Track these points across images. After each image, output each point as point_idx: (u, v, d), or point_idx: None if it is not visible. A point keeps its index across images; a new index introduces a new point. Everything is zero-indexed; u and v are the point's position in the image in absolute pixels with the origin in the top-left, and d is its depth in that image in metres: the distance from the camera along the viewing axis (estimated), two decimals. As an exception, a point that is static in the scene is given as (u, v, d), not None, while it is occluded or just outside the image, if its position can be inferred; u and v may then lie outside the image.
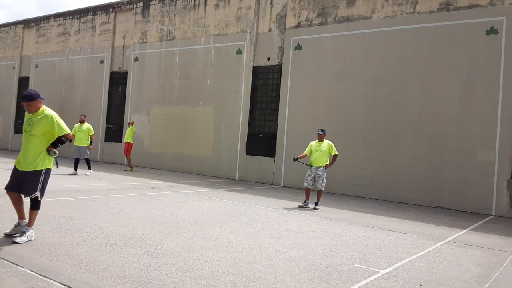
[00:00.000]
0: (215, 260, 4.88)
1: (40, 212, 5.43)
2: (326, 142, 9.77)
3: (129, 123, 16.39)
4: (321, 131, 9.85)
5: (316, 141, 9.86)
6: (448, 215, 10.14)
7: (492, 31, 11.10)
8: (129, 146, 16.14)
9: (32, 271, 4.13)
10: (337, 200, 11.45)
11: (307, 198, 9.80)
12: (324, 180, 9.67)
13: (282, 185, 14.39)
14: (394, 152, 12.37)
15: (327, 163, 9.69)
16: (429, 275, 4.95)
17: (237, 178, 15.56)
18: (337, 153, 9.81)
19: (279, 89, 14.85)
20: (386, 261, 5.45)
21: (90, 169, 13.65)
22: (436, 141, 11.72)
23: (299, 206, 9.72)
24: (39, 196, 5.16)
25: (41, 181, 5.15)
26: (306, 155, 9.90)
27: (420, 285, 4.58)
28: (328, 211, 9.39)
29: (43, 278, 3.97)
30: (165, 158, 17.68)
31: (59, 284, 3.84)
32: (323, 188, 9.70)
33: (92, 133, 13.83)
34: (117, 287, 3.85)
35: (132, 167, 16.05)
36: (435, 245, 6.66)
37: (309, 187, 9.76)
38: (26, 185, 5.09)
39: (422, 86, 12.03)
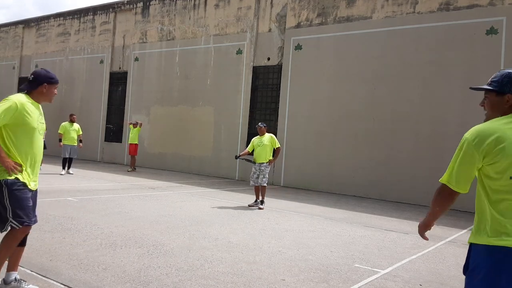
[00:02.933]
0: (215, 260, 4.88)
1: (40, 212, 5.37)
2: (267, 135, 9.38)
3: (134, 124, 16.25)
4: (261, 124, 9.52)
5: (258, 136, 9.50)
6: (448, 215, 10.12)
7: (492, 31, 11.10)
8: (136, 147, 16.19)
9: (32, 271, 4.13)
10: (337, 200, 11.44)
11: (257, 197, 9.41)
12: (266, 176, 9.26)
13: (282, 185, 14.38)
14: (394, 152, 12.36)
15: (271, 158, 9.35)
16: (429, 275, 4.95)
17: (237, 178, 15.55)
18: (279, 146, 9.42)
19: (279, 89, 14.84)
20: (386, 261, 5.45)
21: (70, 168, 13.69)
22: (436, 141, 11.72)
23: (249, 206, 9.28)
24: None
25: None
26: (249, 151, 9.54)
27: (420, 285, 4.58)
28: (328, 211, 9.39)
29: (43, 278, 3.98)
30: (165, 158, 17.68)
31: (59, 284, 3.84)
32: (265, 184, 9.27)
33: (81, 132, 14.08)
34: (117, 287, 3.85)
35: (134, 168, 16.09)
36: (435, 245, 6.66)
37: (256, 185, 9.32)
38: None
39: (422, 86, 12.03)
